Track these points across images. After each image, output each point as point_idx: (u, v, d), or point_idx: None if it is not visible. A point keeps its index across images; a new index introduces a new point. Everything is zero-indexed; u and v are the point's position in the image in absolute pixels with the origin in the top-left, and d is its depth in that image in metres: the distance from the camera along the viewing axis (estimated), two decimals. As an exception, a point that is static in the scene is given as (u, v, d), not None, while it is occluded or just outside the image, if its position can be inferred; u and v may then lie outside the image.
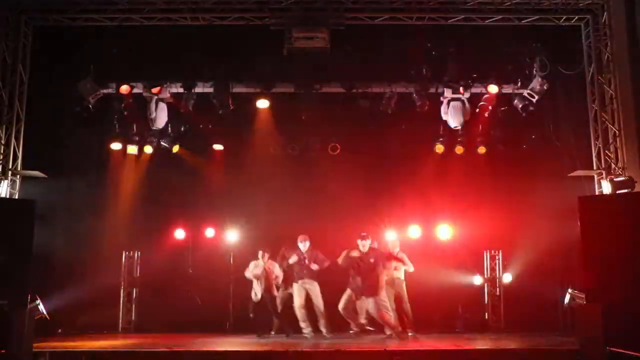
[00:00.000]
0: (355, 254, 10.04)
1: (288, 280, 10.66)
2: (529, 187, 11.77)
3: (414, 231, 12.31)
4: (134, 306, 12.28)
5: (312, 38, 10.72)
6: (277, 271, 10.65)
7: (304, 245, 10.51)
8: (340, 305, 10.45)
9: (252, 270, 10.60)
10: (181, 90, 11.56)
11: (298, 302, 10.41)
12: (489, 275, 12.43)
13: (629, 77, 10.71)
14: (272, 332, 10.78)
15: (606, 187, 10.74)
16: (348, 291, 10.34)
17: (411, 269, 10.63)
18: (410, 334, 10.33)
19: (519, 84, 11.48)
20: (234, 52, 11.32)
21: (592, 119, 11.25)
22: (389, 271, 10.43)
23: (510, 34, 11.31)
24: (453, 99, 11.48)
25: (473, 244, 12.21)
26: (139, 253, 12.48)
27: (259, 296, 10.51)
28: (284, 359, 8.55)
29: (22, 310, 8.02)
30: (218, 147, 12.37)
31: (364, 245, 10.07)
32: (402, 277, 10.72)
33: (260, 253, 10.62)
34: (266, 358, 8.68)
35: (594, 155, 11.18)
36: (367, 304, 10.07)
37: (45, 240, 10.59)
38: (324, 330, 10.37)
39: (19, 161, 11.04)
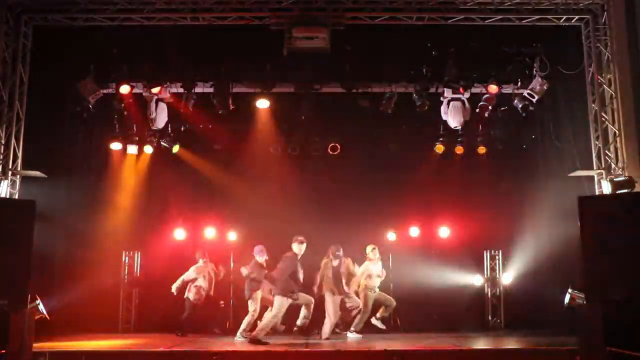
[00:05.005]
0: None
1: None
2: (529, 187, 11.80)
3: (414, 231, 12.32)
4: (134, 306, 12.28)
5: (312, 38, 10.71)
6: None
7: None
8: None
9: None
10: (181, 90, 11.55)
11: None
12: (489, 275, 12.44)
13: (629, 77, 10.70)
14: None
15: (606, 187, 10.74)
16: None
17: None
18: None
19: (519, 84, 11.47)
20: (234, 52, 11.32)
21: (592, 119, 11.25)
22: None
23: (510, 34, 11.32)
24: (453, 99, 11.48)
25: (473, 244, 12.21)
26: (139, 253, 12.48)
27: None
28: (284, 359, 8.56)
29: (22, 310, 8.02)
30: (218, 147, 12.37)
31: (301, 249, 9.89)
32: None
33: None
34: (266, 358, 8.69)
35: (594, 155, 11.18)
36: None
37: (45, 240, 10.58)
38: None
39: (19, 161, 11.04)
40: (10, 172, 10.86)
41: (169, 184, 12.09)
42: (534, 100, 11.27)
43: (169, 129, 11.99)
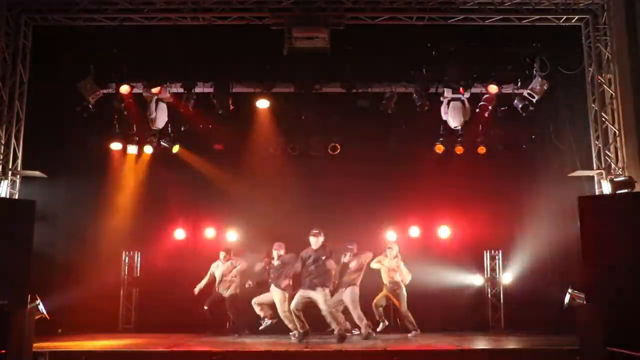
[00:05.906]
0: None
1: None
2: (529, 187, 11.79)
3: (414, 231, 12.32)
4: (134, 306, 12.29)
5: (312, 38, 10.72)
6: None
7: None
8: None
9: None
10: (181, 90, 11.57)
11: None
12: (489, 275, 12.44)
13: (629, 77, 10.69)
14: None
15: (606, 187, 10.74)
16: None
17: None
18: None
19: (519, 84, 11.48)
20: (234, 52, 11.32)
21: (592, 119, 11.24)
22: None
23: (510, 34, 11.32)
24: (453, 99, 11.50)
25: (473, 244, 12.22)
26: (139, 253, 12.49)
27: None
28: (284, 359, 8.56)
29: (22, 310, 8.03)
30: (218, 147, 12.37)
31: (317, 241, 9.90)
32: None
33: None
34: (266, 358, 8.68)
35: (594, 155, 11.18)
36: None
37: (45, 240, 10.60)
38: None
39: (19, 161, 11.04)
40: (10, 172, 10.85)
41: (169, 184, 12.10)
42: (534, 100, 11.27)
43: (169, 129, 11.99)
